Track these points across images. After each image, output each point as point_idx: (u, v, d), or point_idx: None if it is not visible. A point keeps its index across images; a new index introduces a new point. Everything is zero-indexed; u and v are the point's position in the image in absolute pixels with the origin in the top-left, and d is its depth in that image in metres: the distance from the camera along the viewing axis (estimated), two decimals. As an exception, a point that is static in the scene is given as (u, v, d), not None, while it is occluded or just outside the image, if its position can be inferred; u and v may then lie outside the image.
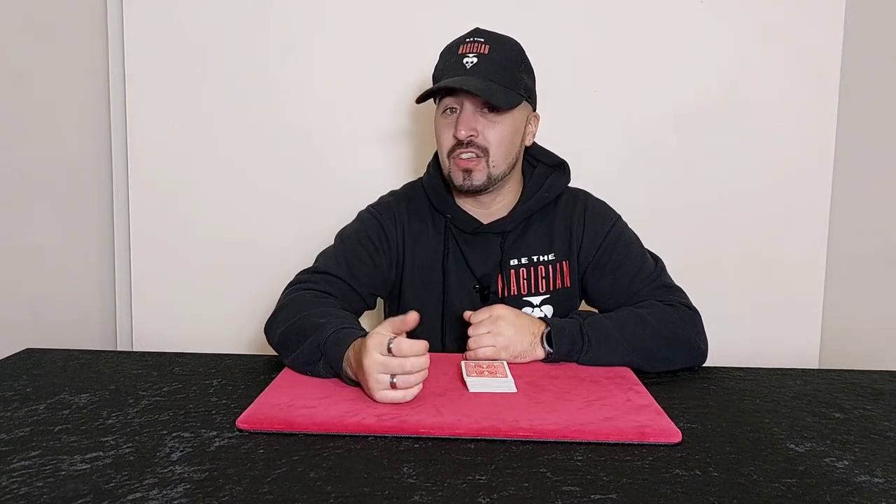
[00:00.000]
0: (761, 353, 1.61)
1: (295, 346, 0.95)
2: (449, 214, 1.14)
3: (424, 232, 1.16)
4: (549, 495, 0.63)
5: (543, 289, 1.14)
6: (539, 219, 1.16)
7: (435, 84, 1.09)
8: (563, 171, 1.18)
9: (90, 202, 1.65)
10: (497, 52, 1.07)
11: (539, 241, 1.15)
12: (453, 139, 1.07)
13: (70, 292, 1.67)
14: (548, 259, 1.14)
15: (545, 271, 1.14)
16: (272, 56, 1.56)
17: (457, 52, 1.08)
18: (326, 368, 0.91)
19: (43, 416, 0.82)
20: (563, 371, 0.98)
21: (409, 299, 1.16)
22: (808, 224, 1.59)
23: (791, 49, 1.54)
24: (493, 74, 1.05)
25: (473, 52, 1.06)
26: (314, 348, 0.92)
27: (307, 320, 0.97)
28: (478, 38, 1.08)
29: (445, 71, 1.08)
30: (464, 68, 1.06)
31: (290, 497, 0.62)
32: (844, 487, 0.66)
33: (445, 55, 1.11)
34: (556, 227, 1.15)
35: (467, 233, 1.14)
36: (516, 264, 1.14)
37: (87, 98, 1.61)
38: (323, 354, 0.91)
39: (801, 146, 1.57)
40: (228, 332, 1.62)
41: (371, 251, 1.13)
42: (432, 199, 1.17)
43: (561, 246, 1.15)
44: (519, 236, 1.15)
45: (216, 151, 1.58)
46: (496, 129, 1.07)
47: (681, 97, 1.56)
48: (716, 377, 1.03)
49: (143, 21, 1.55)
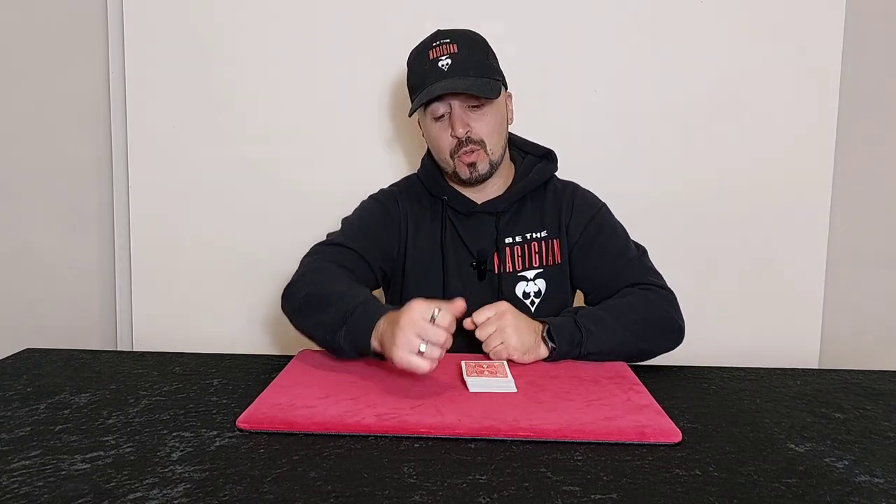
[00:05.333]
0: (761, 353, 1.61)
1: (316, 313, 0.98)
2: (445, 196, 1.20)
3: (423, 217, 1.22)
4: (549, 495, 0.63)
5: (537, 263, 1.19)
6: (531, 200, 1.22)
7: (417, 92, 1.14)
8: (551, 160, 1.25)
9: (90, 202, 1.65)
10: (465, 49, 1.13)
11: (532, 221, 1.21)
12: (453, 139, 1.13)
13: (70, 292, 1.67)
14: (540, 236, 1.20)
15: (538, 247, 1.19)
16: (273, 56, 1.56)
17: (428, 58, 1.13)
18: (346, 338, 0.93)
19: (43, 416, 0.82)
20: (564, 371, 0.98)
21: (411, 282, 1.20)
22: (808, 224, 1.59)
23: (791, 49, 1.54)
24: (469, 70, 1.11)
25: (444, 53, 1.12)
26: (339, 316, 0.94)
27: (332, 289, 1.00)
28: (443, 40, 1.13)
29: (424, 77, 1.13)
30: (441, 72, 1.11)
31: (290, 497, 0.62)
32: (844, 487, 0.66)
33: (417, 63, 1.16)
34: (547, 208, 1.21)
35: (463, 214, 1.20)
36: (511, 242, 1.19)
37: (87, 98, 1.61)
38: (346, 323, 0.93)
39: (801, 146, 1.57)
40: (228, 332, 1.62)
41: (377, 229, 1.19)
42: (428, 186, 1.23)
43: (551, 225, 1.20)
44: (513, 216, 1.20)
45: (216, 151, 1.58)
46: (487, 120, 1.13)
47: (681, 97, 1.56)
48: (716, 377, 1.03)
49: (144, 21, 1.55)
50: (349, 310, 0.94)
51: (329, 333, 0.95)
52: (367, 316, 0.92)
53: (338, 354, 0.98)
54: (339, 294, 0.98)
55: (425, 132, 1.20)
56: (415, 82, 1.16)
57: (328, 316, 0.95)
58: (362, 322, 0.92)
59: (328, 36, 1.55)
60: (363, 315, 0.92)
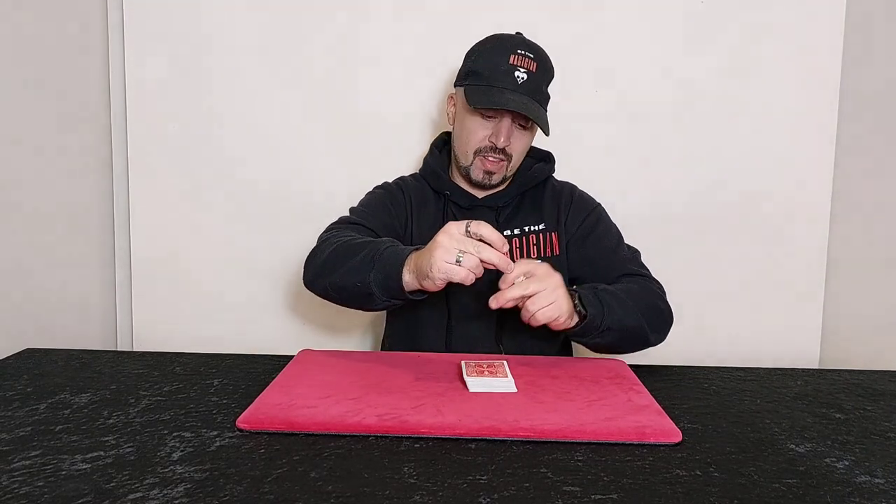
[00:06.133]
0: (762, 353, 1.61)
1: (344, 262, 0.99)
2: (447, 192, 1.23)
3: (426, 208, 1.25)
4: (549, 495, 0.63)
5: (535, 255, 1.21)
6: (530, 197, 1.26)
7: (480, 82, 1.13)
8: (549, 161, 1.30)
9: (90, 202, 1.65)
10: (541, 72, 1.15)
11: (531, 215, 1.24)
12: (488, 142, 1.15)
13: (70, 292, 1.67)
14: (539, 229, 1.23)
15: (536, 239, 1.22)
16: (274, 56, 1.56)
17: (508, 61, 1.12)
18: (377, 278, 0.94)
19: (44, 416, 0.82)
20: (564, 371, 0.98)
21: None
22: (808, 224, 1.59)
23: (791, 49, 1.54)
24: (536, 93, 1.14)
25: (524, 67, 1.12)
26: (367, 259, 0.96)
27: (358, 241, 1.03)
28: (528, 54, 1.14)
29: (496, 77, 1.12)
30: (515, 83, 1.12)
31: (290, 497, 0.62)
32: (845, 488, 0.66)
33: (493, 56, 1.14)
34: (546, 204, 1.25)
35: (464, 208, 1.23)
36: (509, 234, 1.21)
37: (87, 98, 1.61)
38: (375, 264, 0.94)
39: (801, 146, 1.57)
40: (228, 332, 1.62)
41: (385, 210, 1.22)
42: (430, 181, 1.26)
43: (549, 219, 1.24)
44: (513, 211, 1.24)
45: (217, 151, 1.58)
46: (524, 139, 1.18)
47: (681, 97, 1.56)
48: (716, 377, 1.03)
49: (144, 21, 1.55)
50: (377, 252, 0.95)
51: (359, 277, 0.96)
52: (397, 253, 0.94)
53: (368, 301, 0.99)
54: (364, 242, 1.01)
55: (458, 118, 1.21)
56: (484, 72, 1.14)
57: (356, 261, 0.97)
58: (392, 258, 0.93)
59: (328, 36, 1.55)
60: (392, 253, 0.94)
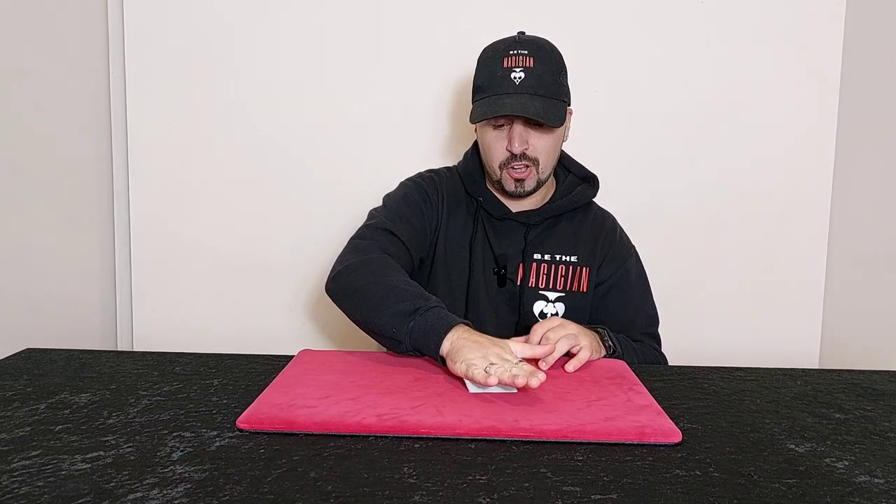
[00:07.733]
0: (762, 353, 1.61)
1: (383, 300, 0.97)
2: (480, 198, 1.19)
3: (458, 211, 1.21)
4: (549, 495, 0.63)
5: (560, 286, 1.18)
6: (567, 221, 1.21)
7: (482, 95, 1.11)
8: (592, 184, 1.24)
9: (90, 202, 1.65)
10: (540, 65, 1.09)
11: (564, 242, 1.20)
12: (507, 152, 1.12)
13: (70, 292, 1.67)
14: (570, 261, 1.19)
15: (565, 270, 1.18)
16: (274, 56, 1.56)
17: (502, 65, 1.09)
18: (416, 329, 0.93)
19: (43, 416, 0.82)
20: (564, 371, 0.98)
21: (439, 272, 1.20)
22: (808, 224, 1.59)
23: (791, 49, 1.54)
24: (540, 88, 1.08)
25: (519, 66, 1.08)
26: (411, 308, 0.94)
27: (402, 281, 1.01)
28: (521, 51, 1.09)
29: (494, 85, 1.10)
30: (512, 84, 1.08)
31: (290, 497, 0.62)
32: (845, 488, 0.66)
33: (489, 65, 1.12)
34: (584, 234, 1.21)
35: (495, 218, 1.19)
36: (539, 259, 1.18)
37: (87, 98, 1.61)
38: (417, 317, 0.93)
39: (801, 146, 1.57)
40: (228, 333, 1.62)
41: (417, 214, 1.18)
42: (466, 184, 1.22)
43: (585, 253, 1.20)
44: (544, 231, 1.19)
45: (217, 151, 1.58)
46: (546, 140, 1.12)
47: (681, 97, 1.56)
48: (716, 377, 1.03)
49: (144, 21, 1.55)
50: (424, 306, 0.94)
51: (395, 321, 0.95)
52: (446, 317, 0.93)
53: (392, 345, 0.99)
54: (412, 288, 0.99)
55: (479, 136, 1.18)
56: (482, 84, 1.13)
57: (398, 305, 0.95)
58: (439, 322, 0.93)
59: (328, 35, 1.55)
60: (441, 315, 0.94)
